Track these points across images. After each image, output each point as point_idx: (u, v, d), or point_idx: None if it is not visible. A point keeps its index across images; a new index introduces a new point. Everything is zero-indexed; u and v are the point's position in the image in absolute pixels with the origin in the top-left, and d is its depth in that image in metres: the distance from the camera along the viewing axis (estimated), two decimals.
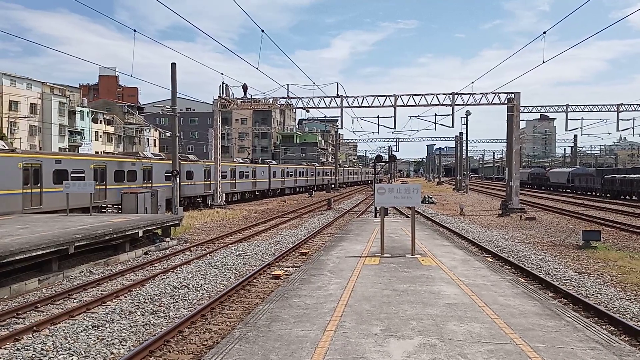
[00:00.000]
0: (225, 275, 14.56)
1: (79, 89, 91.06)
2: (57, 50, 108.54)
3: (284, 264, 16.62)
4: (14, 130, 62.55)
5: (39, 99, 67.80)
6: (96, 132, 79.38)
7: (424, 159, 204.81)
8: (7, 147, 23.68)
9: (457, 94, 35.85)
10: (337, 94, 36.30)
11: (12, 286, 12.74)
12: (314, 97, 37.01)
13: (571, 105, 41.79)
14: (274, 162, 63.96)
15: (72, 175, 25.49)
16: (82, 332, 9.25)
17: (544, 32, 24.34)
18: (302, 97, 37.29)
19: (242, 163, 49.75)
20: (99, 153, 61.96)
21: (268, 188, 55.06)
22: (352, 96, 36.40)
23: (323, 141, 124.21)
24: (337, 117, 38.45)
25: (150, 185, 31.96)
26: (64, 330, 9.35)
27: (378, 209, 19.14)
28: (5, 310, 10.84)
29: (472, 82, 53.11)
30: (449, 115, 37.31)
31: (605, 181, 51.87)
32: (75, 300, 11.99)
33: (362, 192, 74.93)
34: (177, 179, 28.29)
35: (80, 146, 72.49)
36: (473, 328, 6.96)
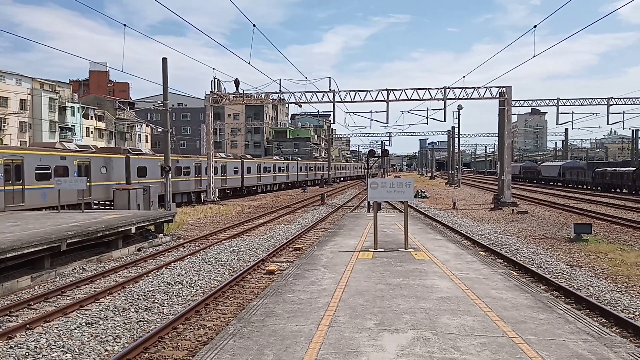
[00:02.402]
0: (219, 271, 14.56)
1: (69, 85, 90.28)
2: (47, 46, 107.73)
3: (278, 259, 16.64)
4: (4, 126, 62.00)
5: (29, 94, 67.20)
6: (87, 128, 78.85)
7: (417, 154, 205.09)
8: (152, 152, 36.92)
9: (449, 88, 35.91)
10: (330, 89, 36.24)
11: (4, 284, 12.68)
12: (306, 92, 36.97)
13: (562, 99, 42.01)
14: (299, 158, 77.47)
15: (184, 170, 37.63)
16: (75, 329, 9.23)
17: (535, 26, 24.36)
18: (295, 92, 37.23)
19: (279, 160, 63.61)
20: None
21: (296, 180, 67.71)
22: (345, 91, 36.40)
23: (316, 136, 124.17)
24: (330, 112, 38.56)
25: (225, 177, 45.16)
26: (57, 327, 9.32)
27: (371, 204, 19.19)
28: None
29: (464, 76, 53.24)
30: (441, 109, 37.43)
31: (596, 174, 52.25)
32: (68, 298, 11.95)
33: (355, 186, 74.99)
34: (169, 174, 28.20)
35: (71, 142, 72.01)
36: (466, 321, 7.02)
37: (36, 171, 23.80)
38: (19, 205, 22.74)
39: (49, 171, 24.59)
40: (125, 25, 22.06)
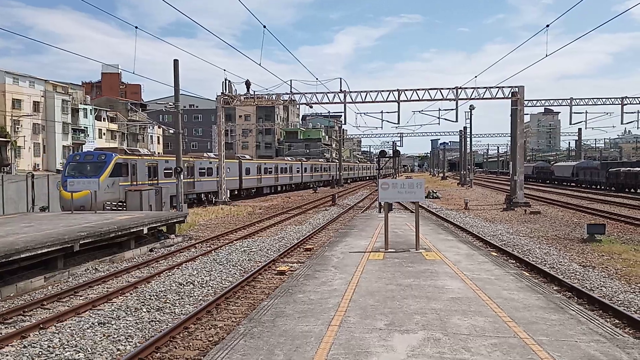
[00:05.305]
0: (230, 271, 14.61)
1: (81, 87, 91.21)
2: (59, 48, 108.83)
3: (289, 259, 16.67)
4: (18, 128, 62.75)
5: (42, 97, 67.97)
6: (99, 130, 79.60)
7: (428, 154, 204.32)
8: (251, 157, 47.60)
9: (460, 88, 35.72)
10: (341, 90, 36.23)
11: (18, 284, 12.83)
12: (317, 93, 37.00)
13: (575, 99, 41.63)
14: (336, 160, 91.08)
15: (267, 169, 51.65)
16: (88, 329, 9.31)
17: (547, 26, 24.27)
18: (305, 93, 37.26)
19: (322, 162, 79.46)
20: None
21: (333, 178, 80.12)
22: (356, 91, 36.37)
23: (327, 137, 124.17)
24: (341, 112, 38.60)
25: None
26: (70, 327, 9.42)
27: (382, 204, 19.14)
28: (12, 308, 10.93)
29: (476, 77, 53.13)
30: (452, 109, 37.22)
31: (610, 174, 51.67)
32: (81, 298, 12.06)
33: (366, 187, 74.87)
34: (181, 175, 28.34)
35: (84, 144, 72.66)
36: (477, 322, 6.98)
37: (200, 170, 38.44)
38: (191, 190, 36.47)
39: (204, 170, 39.27)
40: (136, 27, 22.27)
